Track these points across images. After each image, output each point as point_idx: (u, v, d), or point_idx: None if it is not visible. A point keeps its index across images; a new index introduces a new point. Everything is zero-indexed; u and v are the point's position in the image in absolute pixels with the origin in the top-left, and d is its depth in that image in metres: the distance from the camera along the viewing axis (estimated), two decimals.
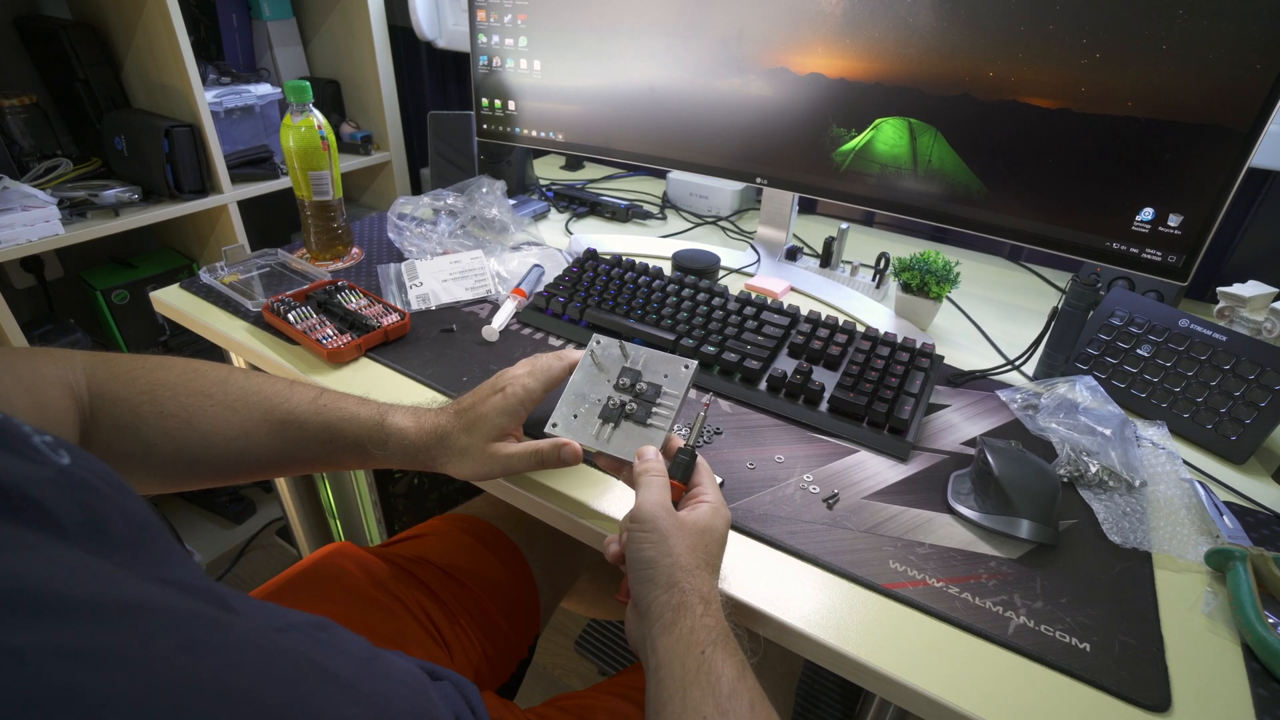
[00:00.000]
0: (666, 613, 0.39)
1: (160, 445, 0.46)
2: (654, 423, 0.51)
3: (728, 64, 0.82)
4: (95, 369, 0.45)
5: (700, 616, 0.39)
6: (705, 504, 0.45)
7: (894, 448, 0.61)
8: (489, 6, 0.93)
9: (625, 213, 1.13)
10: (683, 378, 0.52)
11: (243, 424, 0.49)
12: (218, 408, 0.48)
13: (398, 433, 0.51)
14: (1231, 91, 0.58)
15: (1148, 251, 0.66)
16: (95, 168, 1.23)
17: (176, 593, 0.23)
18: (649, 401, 0.52)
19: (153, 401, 0.46)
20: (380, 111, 1.50)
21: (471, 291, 0.84)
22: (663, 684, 0.37)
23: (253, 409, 0.49)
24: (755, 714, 0.36)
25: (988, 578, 0.49)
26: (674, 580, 0.40)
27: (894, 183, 0.77)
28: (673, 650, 0.38)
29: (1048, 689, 0.42)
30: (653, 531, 0.42)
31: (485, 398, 0.52)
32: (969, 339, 0.83)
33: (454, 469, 0.52)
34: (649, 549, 0.41)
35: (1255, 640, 0.44)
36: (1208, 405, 0.65)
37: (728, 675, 0.36)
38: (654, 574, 0.41)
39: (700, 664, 0.37)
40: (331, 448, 0.51)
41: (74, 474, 0.24)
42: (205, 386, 0.48)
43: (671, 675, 0.37)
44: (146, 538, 0.26)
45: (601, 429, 0.51)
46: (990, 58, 0.67)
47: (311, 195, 0.86)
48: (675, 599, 0.39)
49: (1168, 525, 0.55)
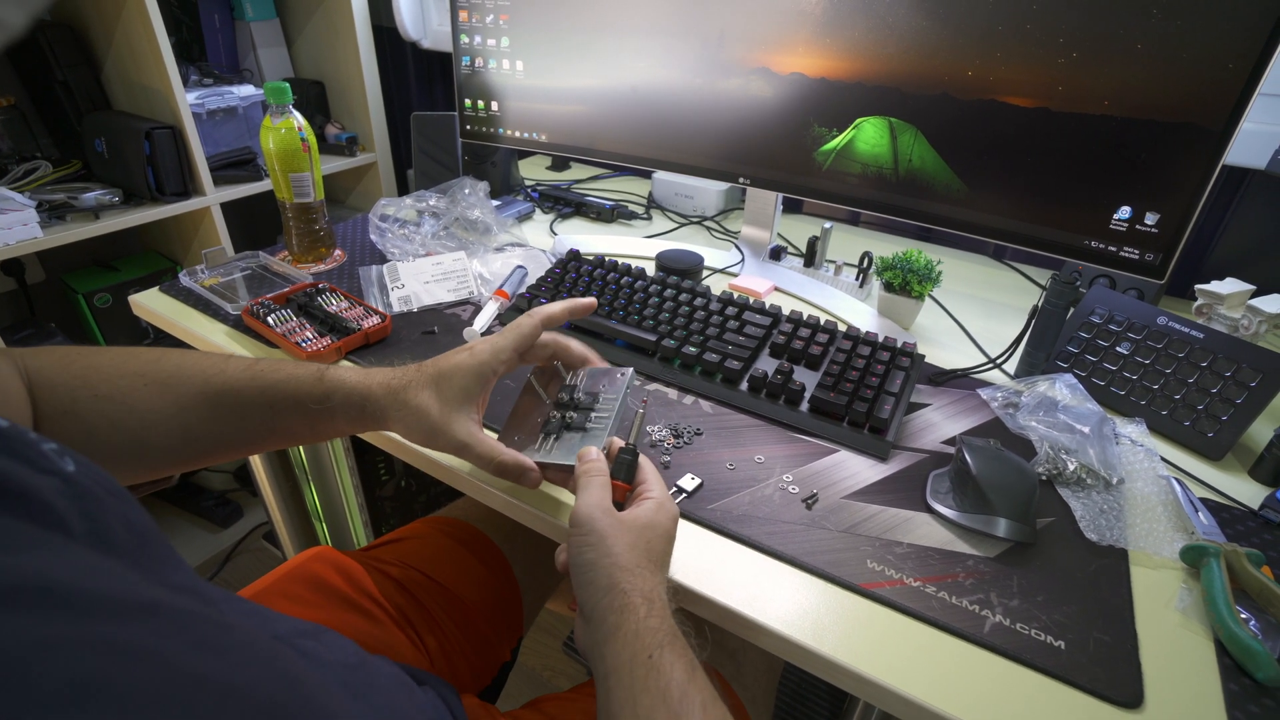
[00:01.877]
0: (610, 616, 0.38)
1: (101, 430, 0.44)
2: (593, 428, 0.50)
3: (709, 64, 0.82)
4: (29, 359, 0.44)
5: (644, 618, 0.38)
6: (649, 500, 0.45)
7: (874, 447, 0.61)
8: (471, 7, 0.93)
9: (610, 213, 1.13)
10: (620, 384, 0.52)
11: (177, 399, 0.47)
12: (152, 386, 0.46)
13: (339, 385, 0.49)
14: (1206, 91, 0.58)
15: (1125, 249, 0.67)
16: (75, 170, 1.22)
17: (182, 596, 0.23)
18: (587, 409, 0.52)
19: (86, 385, 0.45)
20: (365, 112, 1.49)
21: (454, 293, 0.84)
22: (612, 693, 0.36)
23: (186, 384, 0.47)
24: (708, 715, 0.35)
25: (965, 576, 0.49)
26: (614, 581, 0.39)
27: (875, 182, 0.78)
28: (619, 656, 0.37)
29: (1022, 687, 0.42)
30: (590, 534, 0.41)
31: (451, 355, 0.50)
32: (951, 337, 0.83)
33: (404, 428, 0.49)
34: (588, 551, 0.40)
35: (1227, 636, 0.45)
36: (1185, 402, 0.66)
37: (677, 678, 0.35)
38: (594, 576, 0.40)
39: (649, 669, 0.36)
40: (272, 413, 0.49)
41: (79, 482, 0.25)
42: (138, 367, 0.47)
43: (620, 683, 0.36)
44: (148, 544, 0.26)
45: (544, 442, 0.51)
46: (969, 57, 0.68)
47: (292, 197, 0.86)
48: (617, 601, 0.38)
49: (1144, 522, 0.55)
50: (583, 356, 0.56)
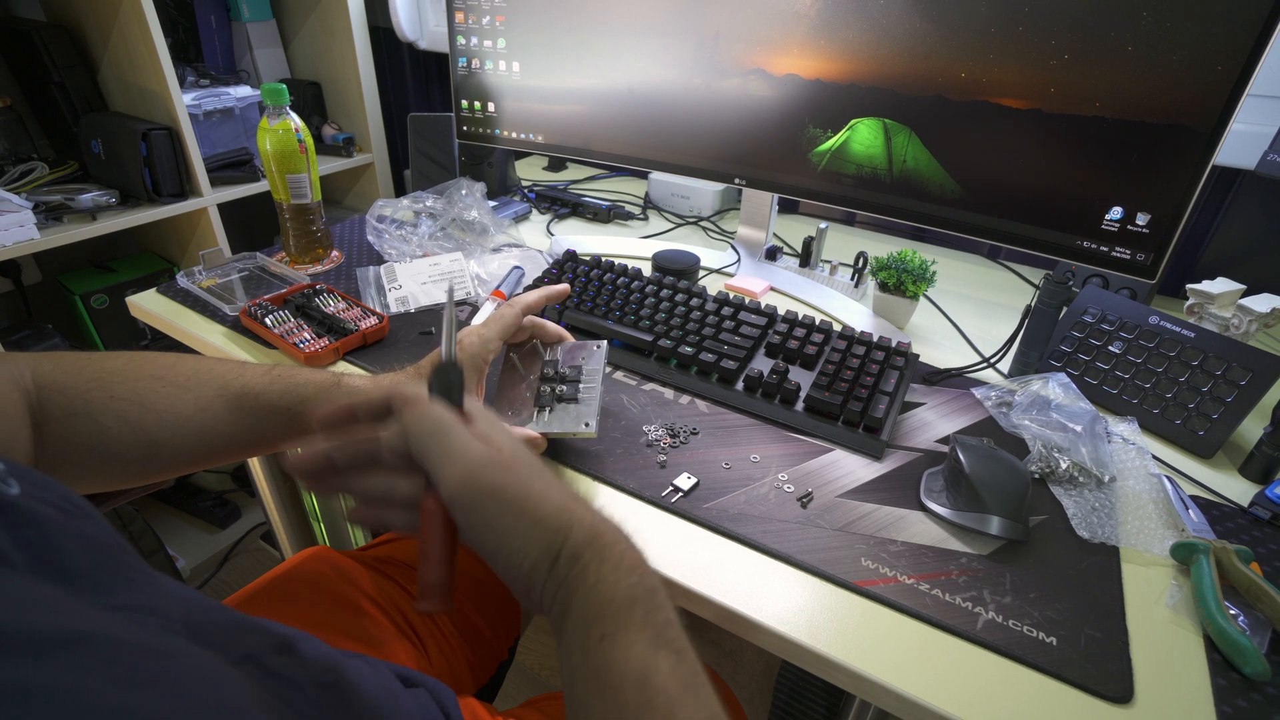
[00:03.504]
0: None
1: (114, 428, 0.45)
2: (583, 397, 0.56)
3: (705, 65, 0.82)
4: (39, 363, 0.44)
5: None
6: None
7: (868, 446, 0.62)
8: (467, 8, 0.93)
9: (607, 214, 1.13)
10: (598, 355, 0.59)
11: (197, 400, 0.48)
12: (170, 388, 0.47)
13: (352, 388, 0.52)
14: (1195, 92, 0.59)
15: (1117, 249, 0.67)
16: (72, 171, 1.22)
17: (126, 621, 0.23)
18: (575, 381, 0.57)
19: (102, 387, 0.45)
20: (362, 113, 1.49)
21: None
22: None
23: (205, 386, 0.49)
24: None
25: (958, 574, 0.50)
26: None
27: (870, 183, 0.78)
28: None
29: (1014, 683, 0.43)
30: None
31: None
32: (946, 337, 0.84)
33: None
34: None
35: (1216, 631, 0.45)
36: (1177, 401, 0.67)
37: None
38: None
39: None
40: (290, 415, 0.51)
41: (20, 506, 0.24)
42: (155, 370, 0.48)
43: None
44: (105, 562, 0.26)
45: (539, 415, 0.56)
46: (962, 59, 0.68)
47: (289, 199, 0.86)
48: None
49: (1135, 520, 0.56)
50: (558, 334, 0.61)
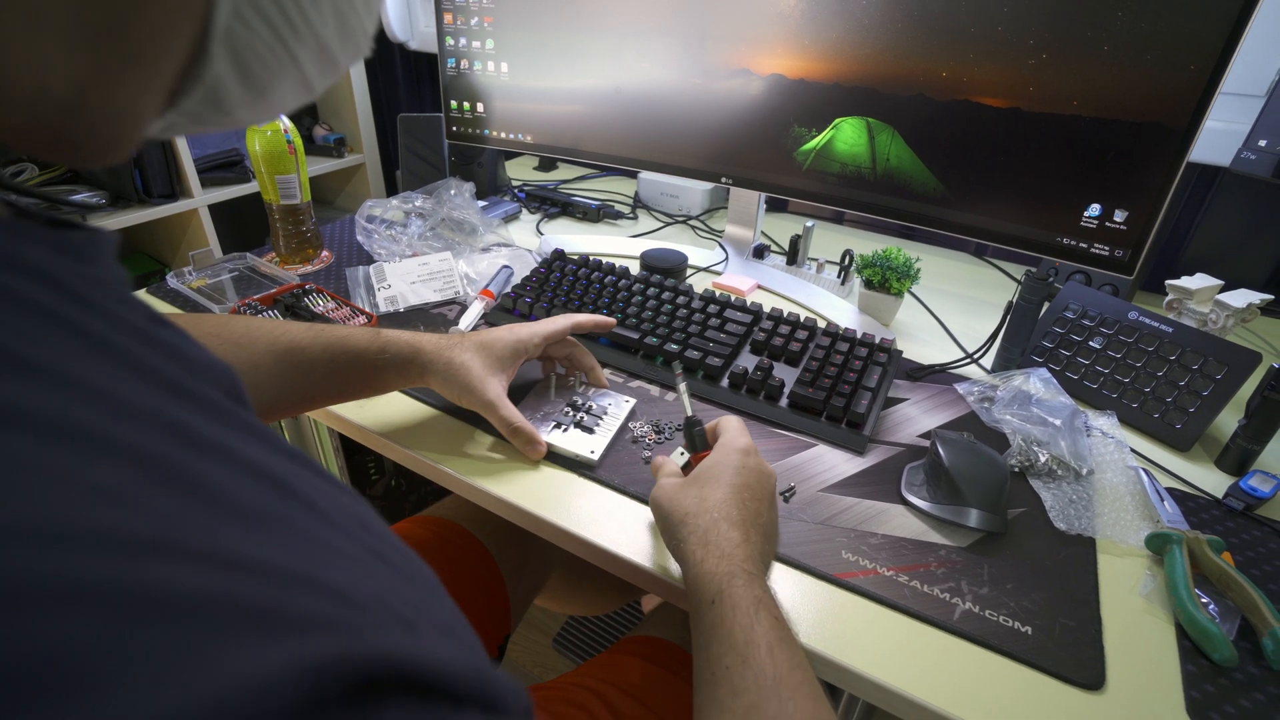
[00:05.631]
0: (683, 569, 0.44)
1: None
2: (599, 433, 0.61)
3: (691, 66, 0.83)
4: None
5: (700, 562, 0.42)
6: (708, 458, 0.50)
7: (851, 441, 0.63)
8: (456, 9, 0.94)
9: (596, 213, 1.14)
10: (624, 409, 0.64)
11: (250, 357, 0.51)
12: (226, 344, 0.50)
13: (394, 339, 0.56)
14: (1169, 91, 0.60)
15: (1096, 246, 0.68)
16: (62, 172, 1.22)
17: None
18: (598, 417, 0.63)
19: None
20: (353, 114, 1.49)
21: (440, 293, 0.84)
22: (695, 640, 0.40)
23: (256, 342, 0.52)
24: (774, 658, 0.36)
25: (937, 565, 0.51)
26: (676, 537, 0.45)
27: (854, 181, 0.79)
28: (691, 602, 0.42)
29: (990, 672, 0.44)
30: (654, 509, 0.48)
31: (494, 331, 0.59)
32: (931, 333, 0.85)
33: (442, 380, 0.56)
34: (659, 523, 0.47)
35: (1186, 619, 0.46)
36: (1155, 395, 0.68)
37: (741, 623, 0.38)
38: (666, 540, 0.46)
39: (713, 616, 0.39)
40: (333, 368, 0.54)
41: None
42: (210, 329, 0.52)
43: (697, 628, 0.40)
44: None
45: (554, 430, 0.61)
46: (943, 58, 0.69)
47: (279, 199, 0.86)
48: (681, 552, 0.44)
49: (1112, 512, 0.57)
50: (592, 365, 0.66)
